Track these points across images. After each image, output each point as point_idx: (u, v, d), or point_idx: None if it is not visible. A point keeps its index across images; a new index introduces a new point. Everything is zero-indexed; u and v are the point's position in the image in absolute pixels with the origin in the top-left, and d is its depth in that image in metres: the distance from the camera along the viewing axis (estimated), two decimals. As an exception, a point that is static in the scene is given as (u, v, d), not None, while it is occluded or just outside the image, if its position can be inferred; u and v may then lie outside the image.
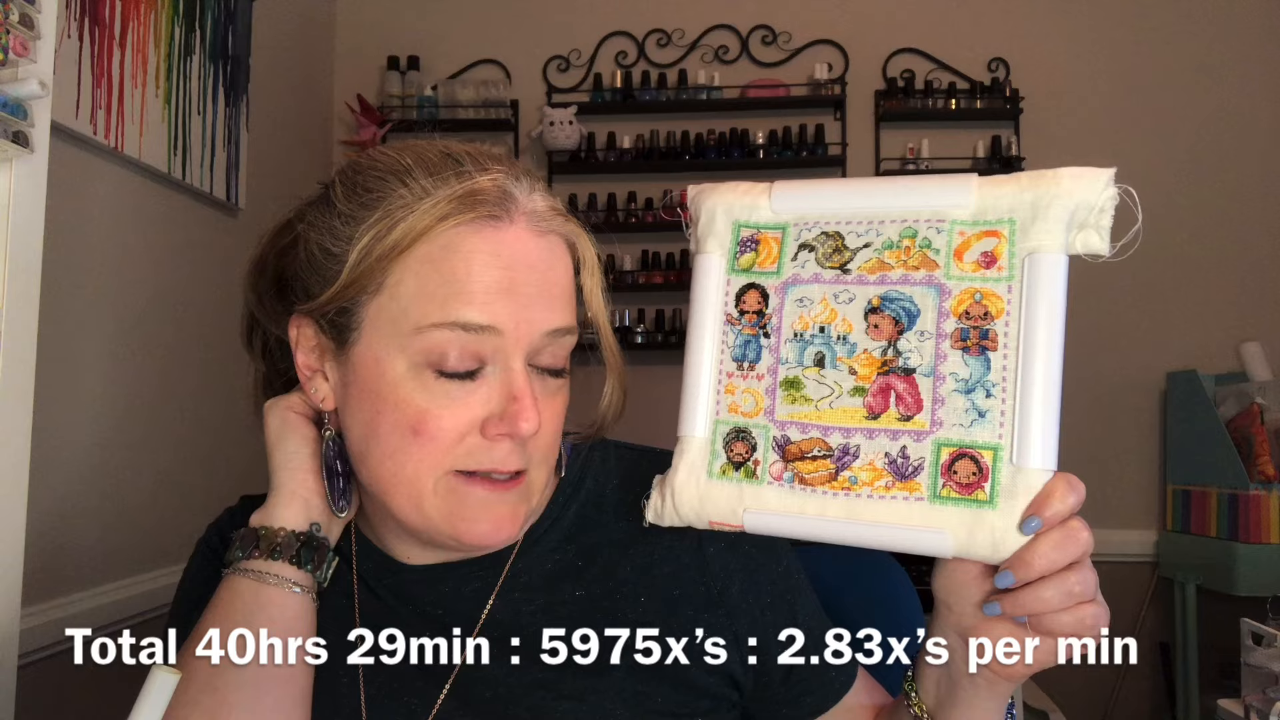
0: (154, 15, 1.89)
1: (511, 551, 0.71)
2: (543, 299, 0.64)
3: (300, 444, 0.68)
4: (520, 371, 0.63)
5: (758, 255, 0.60)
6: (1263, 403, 2.53)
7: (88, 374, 1.69)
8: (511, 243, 0.63)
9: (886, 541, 0.55)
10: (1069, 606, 0.53)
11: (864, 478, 0.55)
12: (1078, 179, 0.54)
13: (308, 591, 0.65)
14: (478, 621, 0.69)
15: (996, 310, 0.54)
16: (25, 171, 0.92)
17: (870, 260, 0.57)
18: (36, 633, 1.42)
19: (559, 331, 0.65)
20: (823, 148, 2.85)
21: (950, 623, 0.59)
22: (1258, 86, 2.84)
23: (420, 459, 0.63)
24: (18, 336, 0.91)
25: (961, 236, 0.55)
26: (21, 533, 0.92)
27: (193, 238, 2.06)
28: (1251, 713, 1.37)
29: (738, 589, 0.69)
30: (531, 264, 0.63)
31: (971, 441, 0.53)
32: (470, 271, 0.61)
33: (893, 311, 0.56)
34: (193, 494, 2.00)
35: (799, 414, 0.57)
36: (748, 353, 0.59)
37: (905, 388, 0.55)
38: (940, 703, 0.63)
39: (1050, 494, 0.52)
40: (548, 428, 0.66)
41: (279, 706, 0.62)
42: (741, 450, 0.59)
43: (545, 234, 0.65)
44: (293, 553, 0.65)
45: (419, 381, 0.62)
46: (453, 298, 0.61)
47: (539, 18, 2.99)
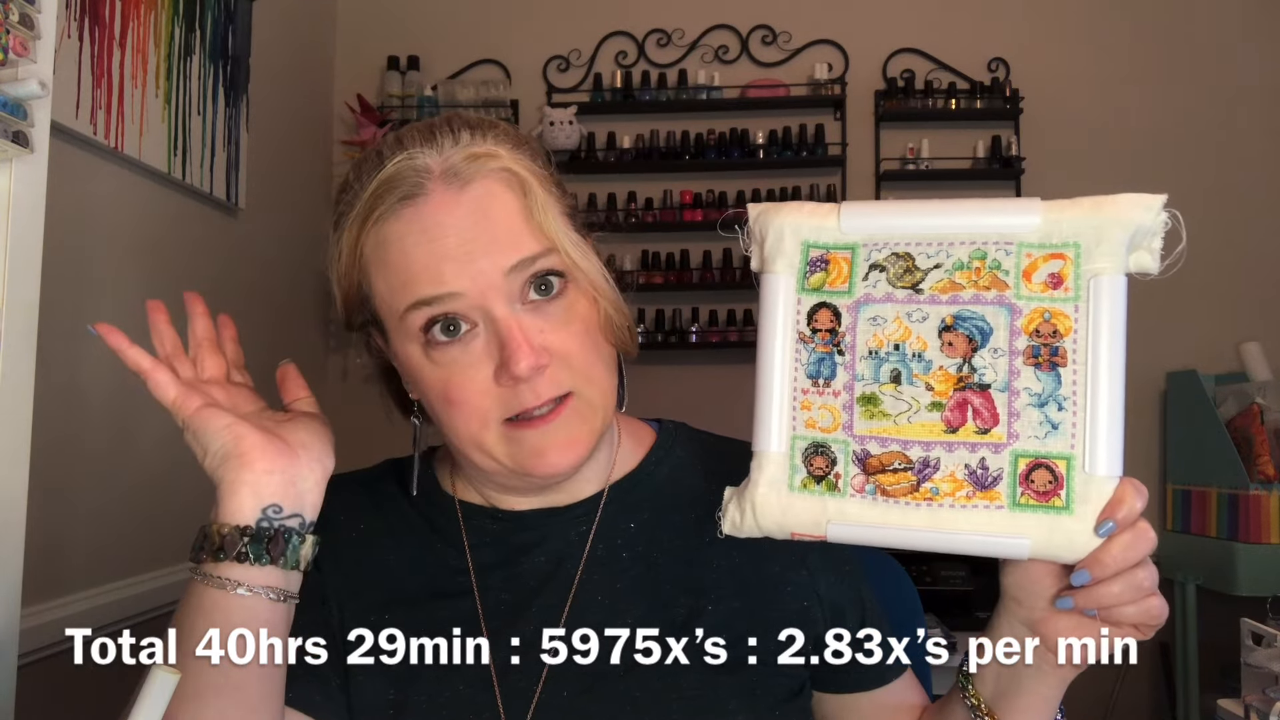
0: (154, 15, 1.89)
1: (600, 501, 0.76)
2: (487, 246, 0.66)
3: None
4: (503, 318, 0.66)
5: (828, 275, 0.62)
6: (1263, 403, 2.53)
7: (88, 374, 1.69)
8: (432, 213, 0.67)
9: (967, 547, 0.58)
10: (1136, 600, 0.57)
11: (945, 488, 0.58)
12: (1136, 205, 0.58)
13: (263, 590, 0.62)
14: (578, 565, 0.74)
15: (1065, 329, 0.57)
16: (25, 171, 0.92)
17: (942, 280, 0.60)
18: (36, 633, 1.42)
19: (522, 264, 0.67)
20: (823, 148, 2.85)
21: (1020, 616, 0.63)
22: (1257, 86, 2.84)
23: (465, 421, 0.68)
24: (18, 336, 0.91)
25: (1029, 258, 0.59)
26: (21, 533, 0.92)
27: (193, 238, 2.06)
28: (1251, 713, 1.37)
29: (817, 555, 0.76)
30: (457, 222, 0.66)
31: (1047, 452, 0.57)
32: (406, 254, 0.67)
33: (966, 330, 0.59)
34: (193, 494, 1.99)
35: (878, 429, 0.60)
36: (822, 370, 0.61)
37: (981, 402, 0.58)
38: (1001, 692, 0.66)
39: (1121, 499, 0.56)
40: (568, 347, 0.68)
41: (227, 712, 0.61)
42: (821, 464, 0.61)
43: (467, 186, 0.67)
44: (237, 550, 0.61)
45: (428, 358, 0.68)
46: (404, 284, 0.67)
47: (539, 18, 2.99)
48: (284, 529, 0.63)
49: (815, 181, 2.87)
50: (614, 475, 0.78)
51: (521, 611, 0.72)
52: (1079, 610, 0.59)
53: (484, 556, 0.75)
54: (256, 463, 0.63)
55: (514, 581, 0.74)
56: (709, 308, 2.86)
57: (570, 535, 0.75)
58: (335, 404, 2.88)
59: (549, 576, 0.74)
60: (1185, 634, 2.56)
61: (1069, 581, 0.58)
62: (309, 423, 0.69)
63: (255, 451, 0.63)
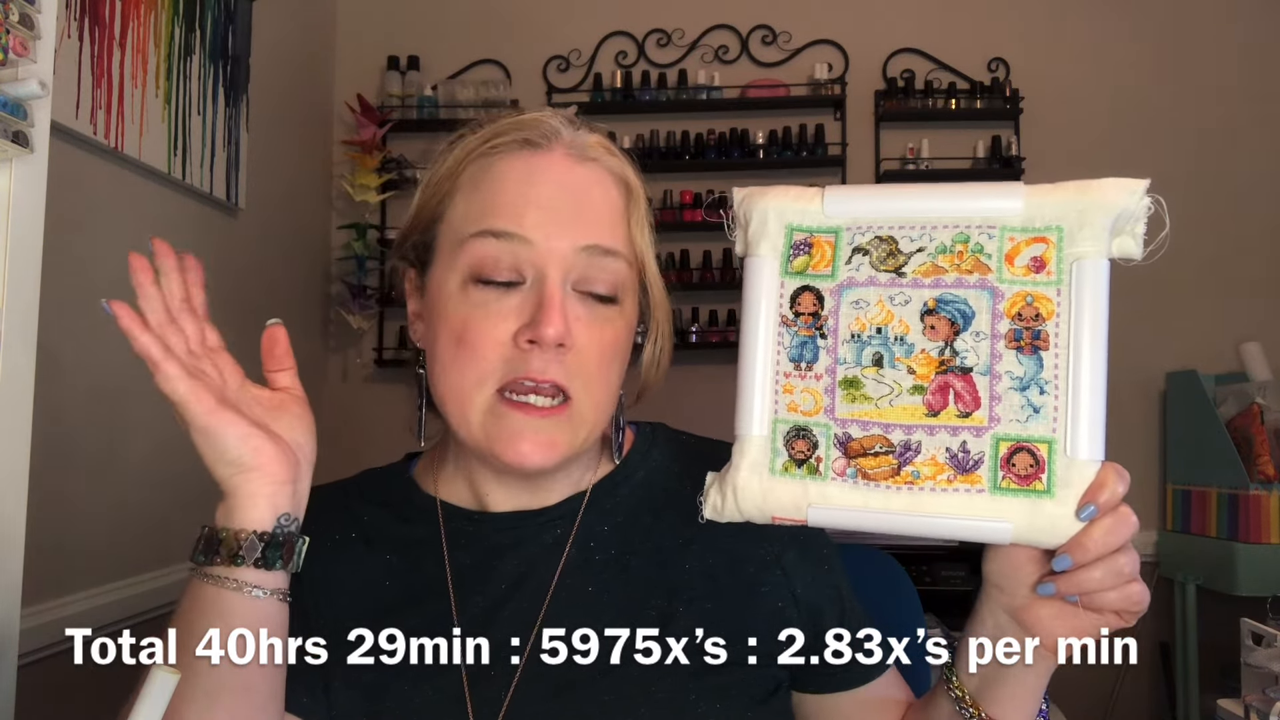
0: (154, 15, 1.89)
1: (581, 504, 0.76)
2: (576, 216, 0.68)
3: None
4: (554, 282, 0.67)
5: (811, 258, 0.62)
6: (1263, 403, 2.53)
7: (88, 374, 1.69)
8: (546, 166, 0.69)
9: (948, 532, 0.58)
10: (1117, 585, 0.57)
11: (926, 472, 0.58)
12: (1119, 189, 0.58)
13: (273, 593, 0.63)
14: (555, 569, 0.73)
15: (1047, 312, 0.57)
16: (25, 171, 0.92)
17: (925, 264, 0.60)
18: (36, 633, 1.42)
19: (596, 249, 0.68)
20: (823, 148, 2.85)
21: (1001, 603, 0.63)
22: (1257, 85, 2.84)
23: (464, 370, 0.67)
24: (18, 336, 0.91)
25: (1012, 242, 0.59)
26: (21, 533, 0.92)
27: (193, 238, 2.06)
28: (1251, 713, 1.37)
29: (793, 555, 0.75)
30: (564, 183, 0.69)
31: (1028, 436, 0.57)
32: (504, 187, 0.69)
33: (948, 313, 0.59)
34: (193, 494, 1.99)
35: (859, 412, 0.60)
36: (805, 353, 0.61)
37: (963, 386, 0.58)
38: (985, 682, 0.65)
39: (1103, 483, 0.56)
40: (590, 351, 0.68)
41: (236, 711, 0.61)
42: (803, 448, 0.61)
43: (585, 161, 0.71)
44: (257, 555, 0.62)
45: (464, 294, 0.68)
46: (487, 211, 0.68)
47: (539, 18, 2.99)
48: (293, 534, 0.64)
49: (815, 182, 2.86)
50: (591, 479, 0.77)
51: (495, 616, 0.72)
52: (1060, 596, 0.58)
53: (461, 559, 0.74)
54: (274, 476, 0.63)
55: (489, 585, 0.73)
56: (709, 308, 2.86)
57: (545, 539, 0.74)
58: (335, 404, 2.89)
59: (523, 580, 0.73)
60: (1185, 634, 2.56)
61: (1050, 567, 0.58)
62: (299, 414, 0.66)
63: (273, 465, 0.62)
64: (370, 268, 2.86)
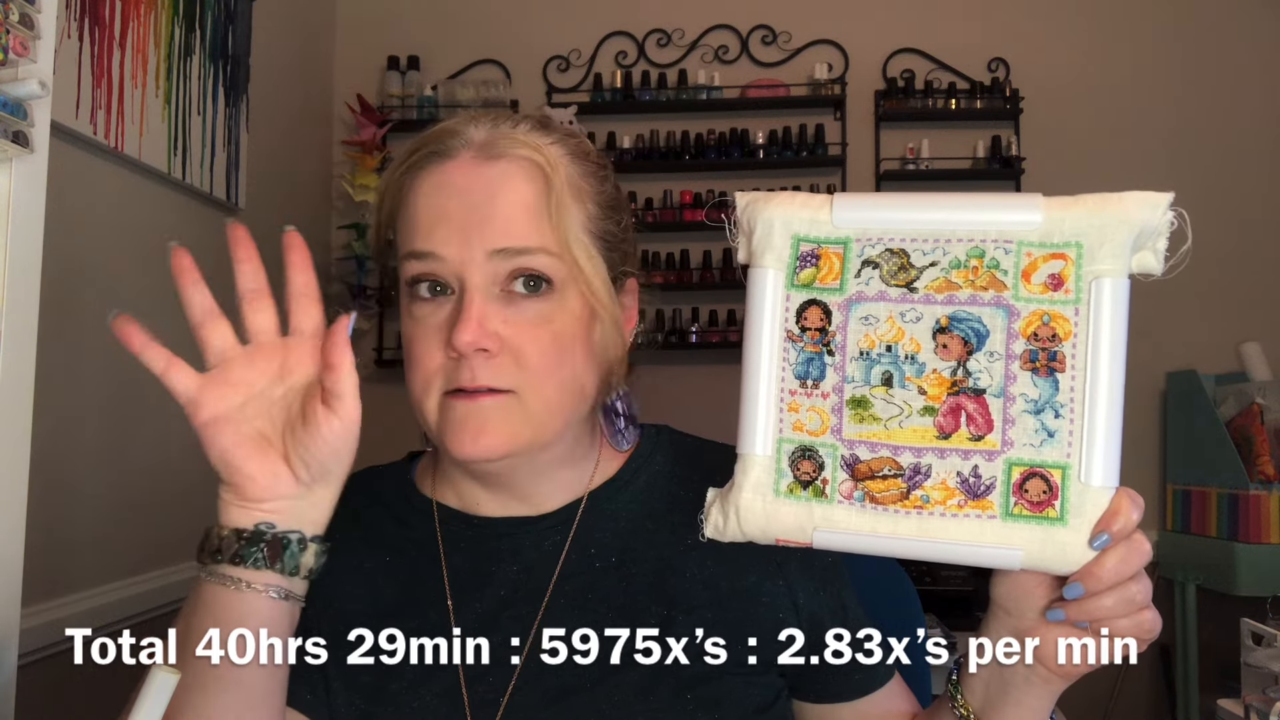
0: (154, 15, 1.89)
1: (575, 510, 0.76)
2: (484, 221, 0.68)
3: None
4: (471, 290, 0.67)
5: (819, 270, 0.59)
6: (1263, 403, 2.53)
7: (88, 374, 1.69)
8: (451, 173, 0.70)
9: (957, 558, 0.56)
10: (1129, 613, 0.55)
11: (936, 496, 0.56)
12: (1142, 204, 0.55)
13: (268, 590, 0.61)
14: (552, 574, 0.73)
15: (1064, 333, 0.55)
16: (25, 171, 0.91)
17: (937, 279, 0.57)
18: (36, 633, 1.42)
19: (508, 251, 0.68)
20: (823, 148, 2.85)
21: (1009, 626, 0.61)
22: (1257, 85, 2.84)
23: (414, 381, 0.70)
24: (18, 336, 0.91)
25: (1029, 258, 0.56)
26: (21, 533, 0.92)
27: (193, 238, 2.05)
28: (1251, 713, 1.37)
29: (795, 565, 0.75)
30: (469, 190, 0.69)
31: (1042, 461, 0.55)
32: (418, 207, 0.70)
33: (962, 332, 0.56)
34: (193, 494, 1.99)
35: (868, 433, 0.58)
36: (811, 370, 0.59)
37: (976, 408, 0.56)
38: (990, 702, 0.64)
39: (1117, 510, 0.54)
40: (528, 349, 0.68)
41: (227, 706, 0.61)
42: (808, 469, 0.58)
43: (493, 160, 0.69)
44: (233, 552, 0.61)
45: (409, 310, 0.71)
46: (408, 233, 0.70)
47: (539, 18, 2.99)
48: (281, 536, 0.62)
49: (815, 181, 2.87)
50: (592, 484, 0.77)
51: (493, 621, 0.72)
52: (1070, 623, 0.57)
53: (458, 563, 0.74)
54: (249, 494, 0.61)
55: (487, 590, 0.73)
56: (709, 308, 2.86)
57: (544, 544, 0.74)
58: (335, 404, 2.88)
59: (521, 585, 0.73)
60: (1185, 634, 2.56)
61: (1060, 593, 0.56)
62: (342, 435, 0.61)
63: (249, 486, 0.61)
64: (370, 268, 2.86)
